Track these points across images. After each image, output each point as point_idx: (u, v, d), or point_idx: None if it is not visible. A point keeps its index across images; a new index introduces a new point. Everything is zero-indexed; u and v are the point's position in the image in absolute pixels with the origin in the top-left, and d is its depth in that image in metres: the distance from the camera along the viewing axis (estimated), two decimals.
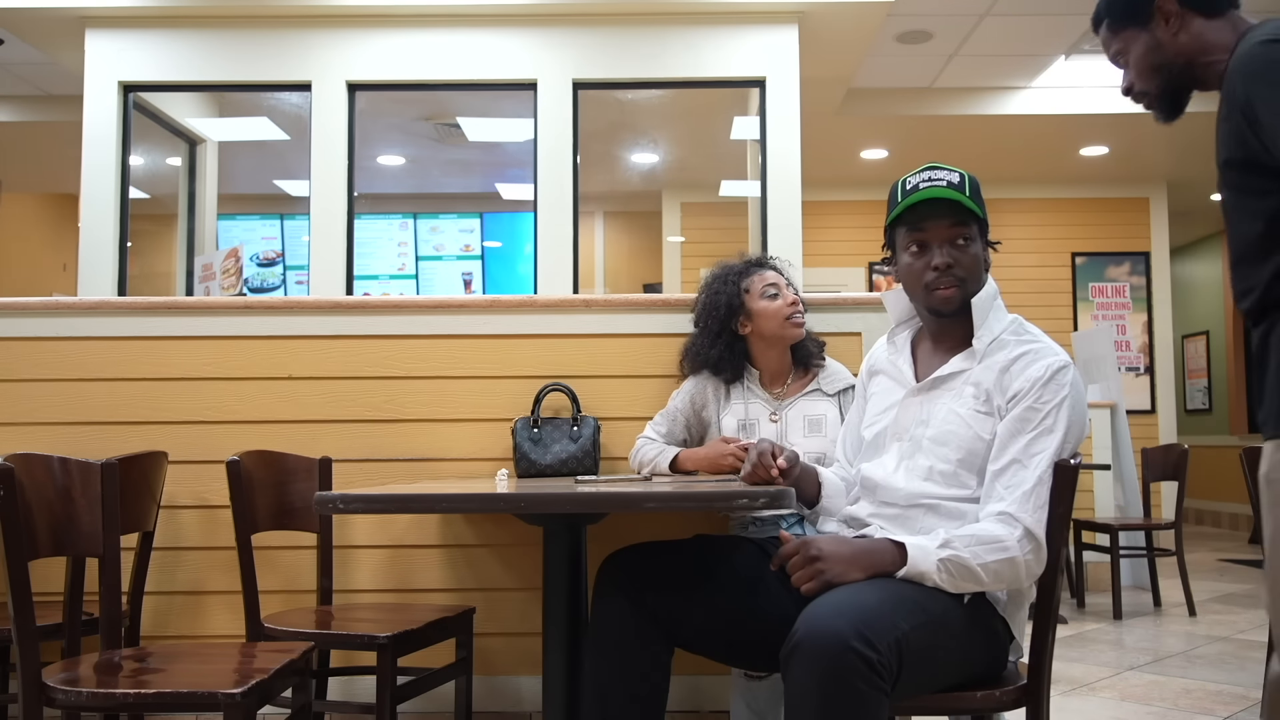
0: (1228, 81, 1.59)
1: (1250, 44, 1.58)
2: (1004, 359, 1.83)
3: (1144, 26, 1.76)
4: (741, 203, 5.90)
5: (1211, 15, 1.72)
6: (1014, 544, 1.70)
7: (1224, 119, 1.61)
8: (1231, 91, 1.58)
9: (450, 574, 2.91)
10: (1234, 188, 1.61)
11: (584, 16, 4.84)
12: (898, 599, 1.63)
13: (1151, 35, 1.76)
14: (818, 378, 2.59)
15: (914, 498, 1.83)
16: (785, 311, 2.52)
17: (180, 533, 2.89)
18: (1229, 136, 1.59)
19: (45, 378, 2.92)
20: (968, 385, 1.85)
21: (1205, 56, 1.73)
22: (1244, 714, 3.14)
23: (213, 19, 4.85)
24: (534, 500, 1.87)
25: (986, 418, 1.81)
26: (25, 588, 1.83)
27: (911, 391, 1.92)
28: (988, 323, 1.88)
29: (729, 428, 2.53)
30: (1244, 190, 1.59)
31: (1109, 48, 1.85)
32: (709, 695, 2.83)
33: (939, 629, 1.66)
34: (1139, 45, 1.78)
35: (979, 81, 6.41)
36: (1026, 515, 1.71)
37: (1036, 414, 1.76)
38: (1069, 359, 1.82)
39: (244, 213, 6.27)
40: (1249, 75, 1.55)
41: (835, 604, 1.59)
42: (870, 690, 1.51)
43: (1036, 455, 1.74)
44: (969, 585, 1.70)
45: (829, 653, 1.51)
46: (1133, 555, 5.25)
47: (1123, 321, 7.66)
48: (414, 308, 2.98)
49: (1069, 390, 1.78)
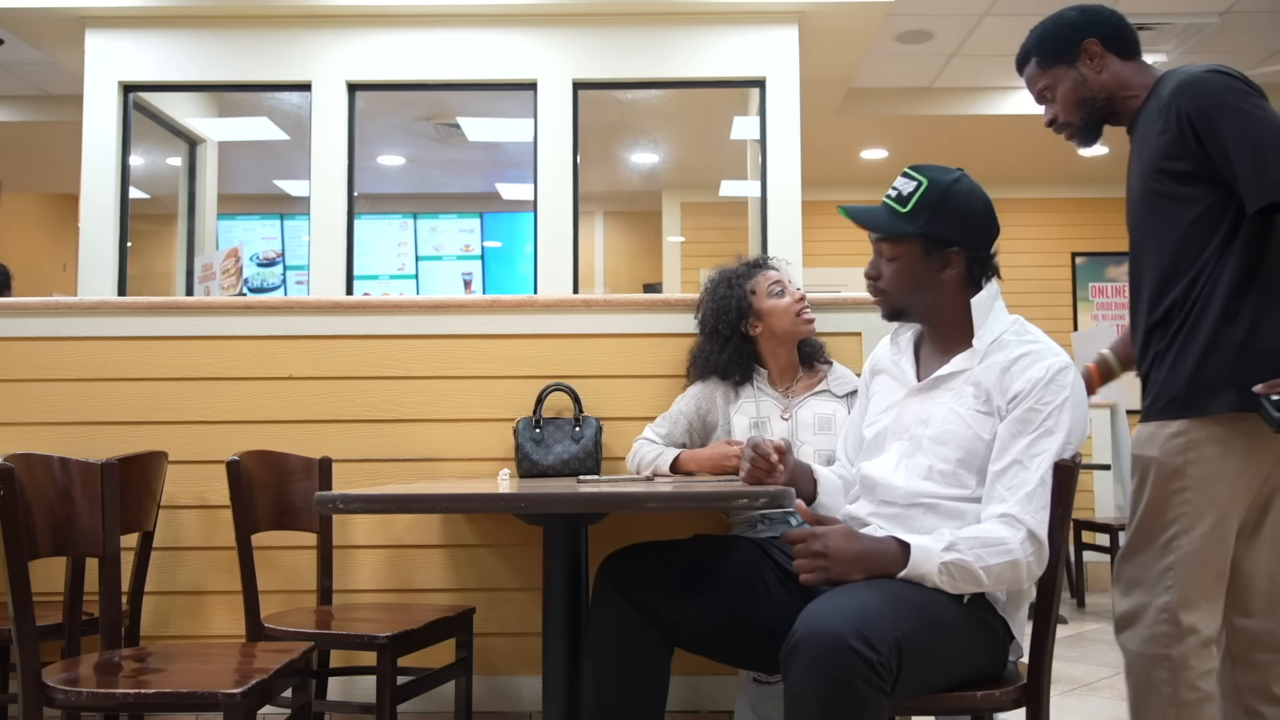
0: (1168, 104, 1.86)
1: (1193, 73, 1.86)
2: (1005, 359, 1.83)
3: (1071, 64, 2.02)
4: (741, 203, 5.90)
5: (1126, 58, 2.01)
6: (1017, 546, 1.70)
7: (1158, 134, 1.88)
8: (1173, 111, 1.85)
9: (450, 574, 2.91)
10: (1164, 194, 1.88)
11: (584, 16, 4.84)
12: (898, 599, 1.64)
13: (1078, 72, 2.02)
14: (827, 379, 2.60)
15: (913, 497, 1.83)
16: (795, 307, 2.54)
17: (180, 533, 2.89)
18: (1168, 148, 1.86)
19: (45, 378, 2.92)
20: (968, 385, 1.85)
21: (1124, 92, 2.00)
22: None
23: (213, 19, 4.85)
24: (534, 500, 1.87)
25: (986, 418, 1.82)
26: (25, 588, 1.83)
27: (912, 391, 1.93)
28: (989, 323, 1.88)
29: (741, 426, 2.53)
30: (1173, 197, 1.87)
31: (1036, 84, 2.08)
32: (709, 695, 2.83)
33: (939, 629, 1.66)
34: (1066, 81, 2.03)
35: (979, 81, 6.41)
36: (1029, 516, 1.71)
37: (1038, 415, 1.76)
38: (1069, 360, 1.82)
39: (244, 213, 6.27)
40: (1201, 97, 1.82)
41: (835, 604, 1.60)
42: (870, 690, 1.51)
43: (1038, 456, 1.74)
44: (970, 587, 1.70)
45: (828, 653, 1.51)
46: None
47: (1122, 322, 7.65)
48: (414, 308, 2.98)
49: (1070, 391, 1.78)
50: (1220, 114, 1.79)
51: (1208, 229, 1.84)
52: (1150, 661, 1.86)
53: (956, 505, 1.80)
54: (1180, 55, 5.87)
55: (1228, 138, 1.78)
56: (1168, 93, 1.88)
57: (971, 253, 1.90)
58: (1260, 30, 5.56)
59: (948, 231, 1.89)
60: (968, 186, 1.91)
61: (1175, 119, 1.85)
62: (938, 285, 1.91)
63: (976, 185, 1.93)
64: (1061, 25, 2.04)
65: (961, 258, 1.90)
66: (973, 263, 1.91)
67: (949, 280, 1.90)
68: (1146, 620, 1.87)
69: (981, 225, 1.91)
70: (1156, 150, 1.89)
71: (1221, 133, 1.78)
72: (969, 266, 1.91)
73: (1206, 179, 1.83)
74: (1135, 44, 2.02)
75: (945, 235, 1.89)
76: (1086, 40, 2.00)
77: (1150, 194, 1.92)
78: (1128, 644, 1.92)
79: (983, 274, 1.93)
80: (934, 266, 1.90)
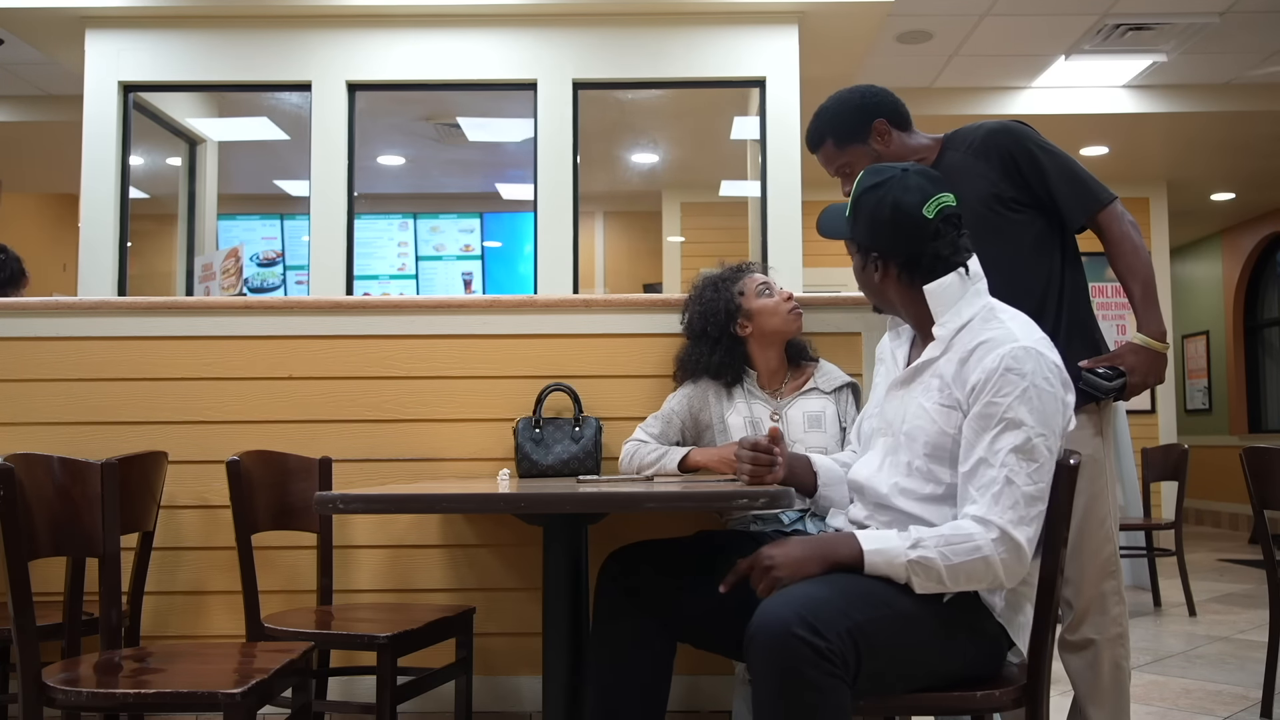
0: (983, 146, 2.26)
1: (1000, 123, 2.29)
2: (964, 349, 1.77)
3: (864, 142, 2.31)
4: (741, 203, 5.90)
5: (904, 129, 2.35)
6: (987, 544, 1.64)
7: (981, 174, 2.24)
8: (993, 149, 2.24)
9: (450, 574, 2.91)
10: (999, 220, 2.23)
11: (584, 16, 4.84)
12: (854, 591, 1.63)
13: (870, 148, 2.30)
14: (814, 377, 2.61)
15: (895, 495, 1.81)
16: (785, 306, 2.55)
17: (180, 533, 2.89)
18: (995, 181, 2.23)
19: (45, 378, 2.92)
20: (934, 378, 1.80)
21: (912, 158, 2.29)
22: (1244, 714, 3.14)
23: (213, 19, 4.84)
24: (534, 500, 1.87)
25: (950, 411, 1.75)
26: (25, 588, 1.83)
27: (894, 385, 1.90)
28: (956, 308, 1.80)
29: (735, 426, 2.53)
30: (1010, 222, 2.23)
31: (833, 162, 2.35)
32: (709, 695, 2.83)
33: (906, 625, 1.64)
34: (864, 159, 2.27)
35: (979, 81, 6.41)
36: (998, 516, 1.65)
37: (997, 408, 1.68)
38: (1033, 343, 1.72)
39: (244, 213, 6.27)
40: (1019, 136, 2.25)
41: (786, 595, 1.61)
42: (821, 676, 1.52)
43: (1001, 452, 1.67)
44: (937, 585, 1.66)
45: (775, 641, 1.53)
46: (1133, 555, 5.25)
47: (1123, 322, 7.64)
48: (414, 308, 2.98)
49: (1030, 379, 1.67)
50: (1038, 150, 2.22)
51: (1045, 248, 2.24)
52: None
53: (935, 504, 1.76)
54: (1180, 55, 5.88)
55: (1047, 168, 2.21)
56: (979, 140, 2.27)
57: (890, 257, 1.84)
58: (1260, 30, 5.56)
59: (863, 238, 1.87)
60: (879, 193, 1.82)
61: (998, 155, 2.24)
62: (880, 286, 1.89)
63: (893, 187, 1.81)
64: (850, 109, 2.32)
65: (885, 262, 1.85)
66: (903, 265, 1.83)
67: (889, 284, 1.87)
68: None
69: (889, 231, 1.82)
70: (982, 184, 2.23)
71: (1042, 164, 2.21)
72: (901, 268, 1.84)
73: (1030, 205, 2.23)
74: (909, 117, 2.37)
75: (862, 241, 1.88)
76: (876, 121, 2.30)
77: (985, 222, 2.19)
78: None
79: (933, 269, 1.81)
80: (871, 272, 1.89)
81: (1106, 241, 2.23)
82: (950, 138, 2.35)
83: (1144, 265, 2.20)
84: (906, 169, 1.85)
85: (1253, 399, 9.63)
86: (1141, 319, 2.21)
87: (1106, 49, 5.82)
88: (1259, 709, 3.13)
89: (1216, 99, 6.48)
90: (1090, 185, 2.22)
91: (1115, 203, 2.22)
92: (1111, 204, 2.22)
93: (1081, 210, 2.21)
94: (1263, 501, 2.99)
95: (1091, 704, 2.18)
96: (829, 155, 2.35)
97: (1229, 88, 6.46)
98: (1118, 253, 2.21)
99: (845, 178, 2.32)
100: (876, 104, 2.32)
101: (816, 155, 2.39)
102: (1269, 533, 2.96)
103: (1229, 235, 9.92)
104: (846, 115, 2.32)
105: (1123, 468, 5.63)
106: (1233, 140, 7.14)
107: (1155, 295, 2.22)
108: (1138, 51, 5.87)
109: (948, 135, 2.37)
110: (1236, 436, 9.49)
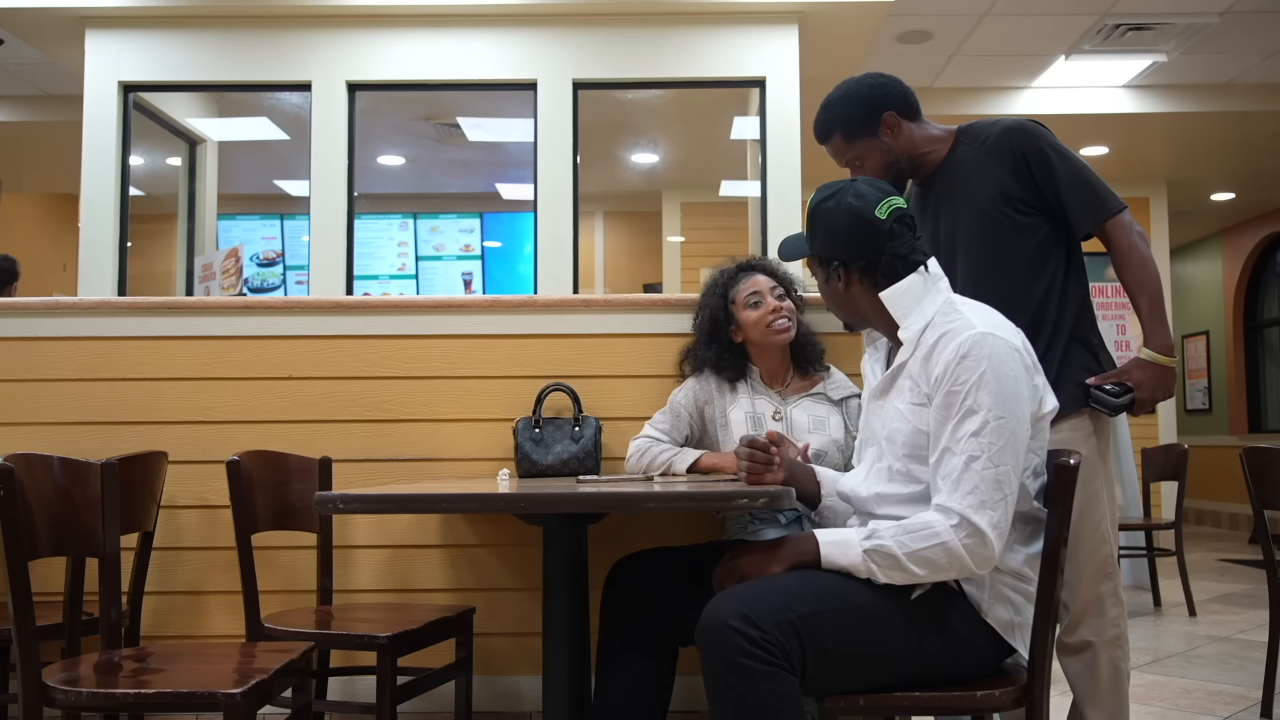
0: (998, 145, 2.20)
1: (1015, 120, 2.23)
2: (929, 345, 1.78)
3: (874, 136, 2.27)
4: (741, 203, 5.90)
5: (914, 120, 2.30)
6: (946, 530, 1.64)
7: (993, 171, 2.20)
8: (1006, 149, 2.19)
9: (450, 574, 2.91)
10: (1006, 221, 2.19)
11: (584, 16, 4.84)
12: (805, 587, 1.65)
13: (881, 142, 2.27)
14: (823, 383, 2.61)
15: (879, 502, 1.82)
16: (766, 319, 2.54)
17: (180, 533, 2.89)
18: (1005, 180, 2.19)
19: (45, 378, 2.92)
20: (906, 379, 1.82)
21: (921, 149, 2.29)
22: (1244, 714, 3.14)
23: (213, 19, 4.84)
24: (534, 500, 1.87)
25: (922, 409, 1.76)
26: (25, 588, 1.83)
27: (873, 395, 1.92)
28: (920, 308, 1.81)
29: (737, 421, 2.53)
30: (1015, 224, 2.19)
31: (844, 155, 2.32)
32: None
33: (860, 620, 1.65)
34: (875, 153, 2.28)
35: (979, 81, 6.41)
36: (957, 502, 1.65)
37: (956, 397, 1.69)
38: (990, 328, 1.73)
39: (244, 213, 6.26)
40: (1034, 136, 2.19)
41: (730, 592, 1.66)
42: (759, 666, 1.55)
43: (963, 439, 1.67)
44: (899, 575, 1.67)
45: (714, 633, 1.57)
46: (1133, 555, 5.25)
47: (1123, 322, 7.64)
48: (414, 308, 2.98)
49: (988, 363, 1.68)
50: (1051, 152, 2.18)
51: (1049, 254, 2.20)
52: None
53: (915, 505, 1.76)
54: (1180, 55, 5.88)
55: (1058, 171, 2.17)
56: (994, 137, 2.22)
57: (851, 262, 1.85)
58: (1260, 30, 5.56)
59: (822, 249, 1.88)
60: (832, 203, 1.84)
61: (1010, 154, 2.19)
62: (847, 299, 1.90)
63: (844, 195, 1.83)
64: (858, 102, 2.27)
65: (847, 269, 1.86)
66: (865, 270, 1.84)
67: (854, 293, 1.87)
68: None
69: (846, 236, 1.83)
70: (992, 183, 2.20)
71: (1053, 166, 2.17)
72: (863, 273, 1.85)
73: (1038, 209, 2.19)
74: (918, 106, 2.31)
75: (821, 253, 1.88)
76: (885, 113, 2.26)
77: (992, 222, 2.20)
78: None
79: (893, 270, 1.83)
80: (835, 283, 1.88)
81: (1114, 251, 2.19)
82: (964, 130, 2.31)
83: (1152, 279, 2.15)
84: (855, 180, 1.88)
85: (1253, 399, 9.64)
86: (1149, 333, 2.17)
87: (1106, 49, 5.83)
88: (1259, 709, 3.13)
89: (1216, 99, 6.48)
90: (1101, 193, 2.18)
91: (1124, 212, 2.19)
92: (1120, 213, 2.18)
93: (1090, 218, 2.18)
94: (1263, 501, 2.99)
95: (1090, 706, 2.17)
96: (838, 148, 2.32)
97: (1229, 88, 6.46)
98: (1125, 264, 2.17)
99: (855, 170, 2.29)
100: (885, 95, 2.27)
101: (825, 147, 2.35)
102: (1269, 533, 2.96)
103: (1229, 235, 9.93)
104: (854, 108, 2.27)
105: (1123, 468, 5.63)
106: (1233, 140, 7.14)
107: (1163, 309, 2.17)
108: (1138, 51, 5.87)
109: (961, 128, 2.32)
110: (1236, 436, 9.49)
